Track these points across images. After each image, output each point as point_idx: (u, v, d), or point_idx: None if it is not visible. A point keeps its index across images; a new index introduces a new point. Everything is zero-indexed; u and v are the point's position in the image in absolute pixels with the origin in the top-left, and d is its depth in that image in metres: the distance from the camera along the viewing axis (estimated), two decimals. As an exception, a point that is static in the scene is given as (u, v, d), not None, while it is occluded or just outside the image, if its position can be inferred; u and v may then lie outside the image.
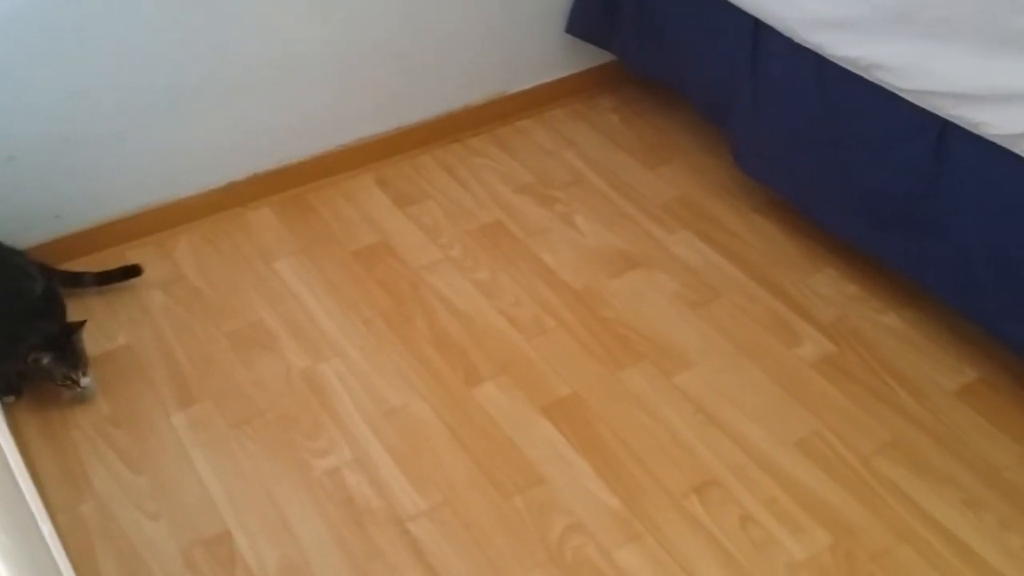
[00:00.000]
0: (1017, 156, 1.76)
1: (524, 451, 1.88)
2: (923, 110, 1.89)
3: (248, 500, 1.82)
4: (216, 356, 2.09)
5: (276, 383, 2.03)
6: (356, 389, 2.01)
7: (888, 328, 2.11)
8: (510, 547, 1.73)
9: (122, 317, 2.18)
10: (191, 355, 2.10)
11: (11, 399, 1.98)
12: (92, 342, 2.07)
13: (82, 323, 1.99)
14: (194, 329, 2.15)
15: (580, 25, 2.66)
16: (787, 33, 2.12)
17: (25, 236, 2.22)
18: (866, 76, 1.98)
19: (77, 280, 2.19)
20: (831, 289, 2.21)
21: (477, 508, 1.79)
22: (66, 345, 1.94)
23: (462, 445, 1.90)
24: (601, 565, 1.70)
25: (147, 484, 1.85)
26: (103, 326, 2.12)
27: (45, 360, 1.90)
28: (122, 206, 2.33)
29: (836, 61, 2.03)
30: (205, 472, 1.87)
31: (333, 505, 1.80)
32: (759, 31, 2.20)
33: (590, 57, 2.76)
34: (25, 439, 1.92)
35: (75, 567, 1.70)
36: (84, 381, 1.96)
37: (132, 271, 2.24)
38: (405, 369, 2.05)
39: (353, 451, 1.89)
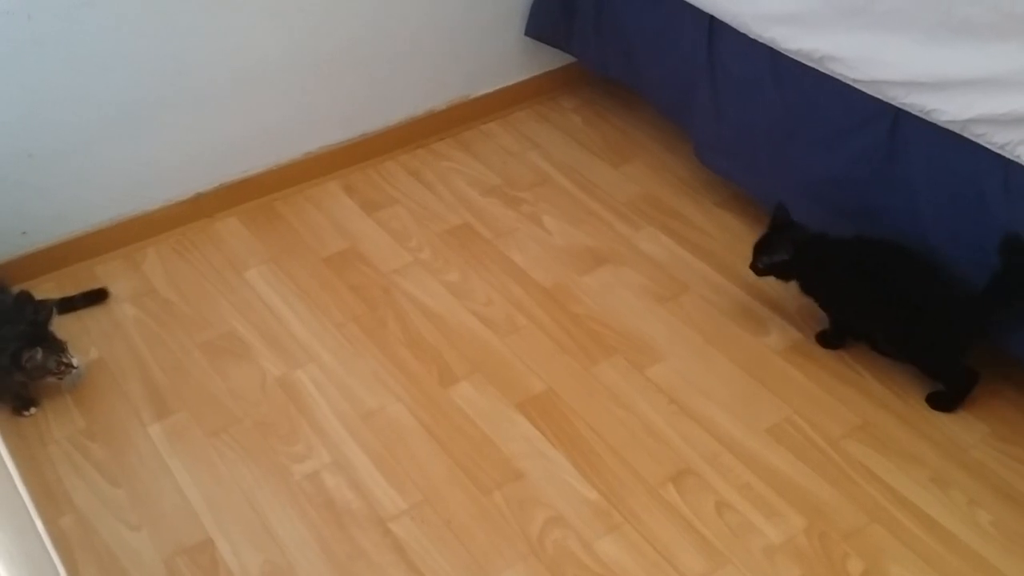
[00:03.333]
0: (968, 140, 1.81)
1: (501, 447, 1.91)
2: (876, 99, 1.94)
3: (229, 507, 1.82)
4: (190, 367, 2.09)
5: (252, 391, 2.04)
6: (332, 393, 2.02)
7: (852, 314, 2.16)
8: (491, 542, 1.75)
9: (94, 332, 2.18)
10: (165, 367, 2.10)
11: (33, 411, 2.00)
12: (64, 357, 2.06)
13: (50, 309, 2.02)
14: (166, 341, 2.16)
15: (539, 28, 2.69)
16: (742, 29, 2.16)
17: (-9, 254, 2.22)
18: (820, 68, 2.02)
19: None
20: (795, 278, 2.25)
21: (457, 505, 1.81)
22: (46, 335, 1.96)
23: (440, 444, 1.92)
24: (582, 556, 1.73)
25: (126, 495, 1.85)
26: (75, 341, 2.10)
27: (39, 356, 1.92)
28: (89, 221, 2.33)
29: (790, 55, 2.07)
30: (184, 481, 1.87)
31: (314, 508, 1.81)
32: (715, 28, 2.24)
33: (550, 59, 2.80)
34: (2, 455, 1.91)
35: (57, 581, 1.70)
36: (76, 361, 1.99)
37: (97, 296, 2.24)
38: (380, 372, 2.06)
39: (332, 454, 1.90)
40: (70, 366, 1.98)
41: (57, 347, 1.97)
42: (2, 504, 0.87)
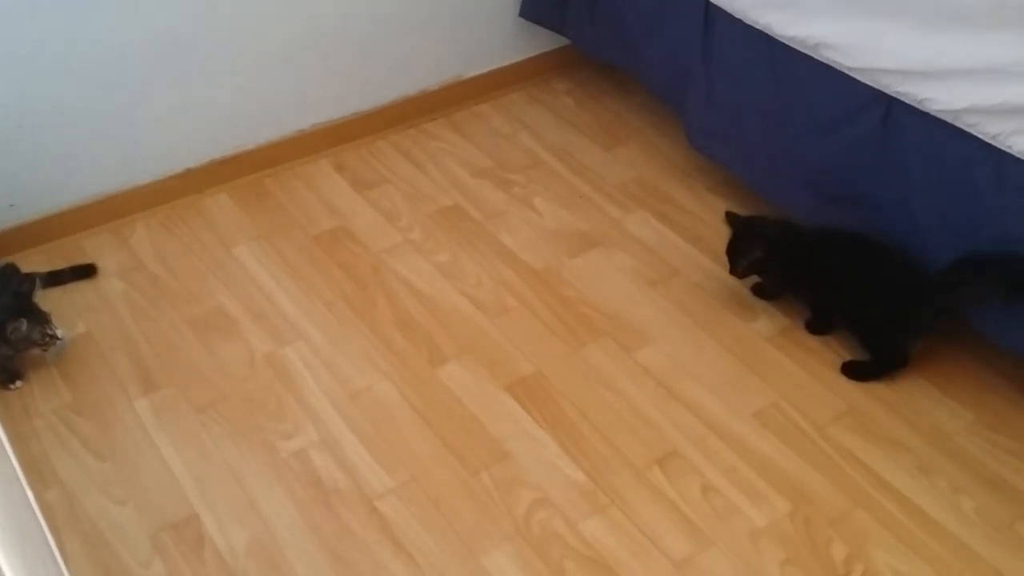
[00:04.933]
0: (960, 130, 1.81)
1: (489, 428, 1.91)
2: (870, 87, 1.94)
3: (215, 483, 1.82)
4: (177, 342, 2.09)
5: (239, 367, 2.03)
6: (320, 371, 2.02)
7: (840, 301, 2.17)
8: (478, 522, 1.76)
9: (81, 305, 2.17)
10: (152, 342, 2.09)
11: (19, 384, 1.99)
12: (51, 330, 2.05)
13: (34, 281, 2.03)
14: (154, 316, 2.15)
15: (534, 9, 2.68)
16: (737, 15, 2.16)
17: (-21, 226, 2.21)
18: (814, 55, 2.02)
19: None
20: (785, 265, 2.25)
21: (444, 485, 1.81)
22: (30, 307, 1.96)
23: (427, 424, 1.92)
24: (567, 537, 1.73)
25: (112, 470, 1.85)
26: (62, 315, 2.10)
27: (24, 327, 1.92)
28: (78, 194, 2.31)
29: (785, 41, 2.07)
30: (170, 456, 1.87)
31: (301, 486, 1.81)
32: (710, 13, 2.23)
33: (544, 41, 2.79)
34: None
35: (42, 554, 1.69)
36: (60, 332, 1.99)
37: (86, 270, 2.23)
38: (369, 351, 2.06)
39: (319, 432, 1.90)
40: (54, 337, 1.97)
41: (41, 318, 1.97)
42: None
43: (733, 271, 2.08)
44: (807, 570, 1.68)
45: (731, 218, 2.10)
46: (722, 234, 2.30)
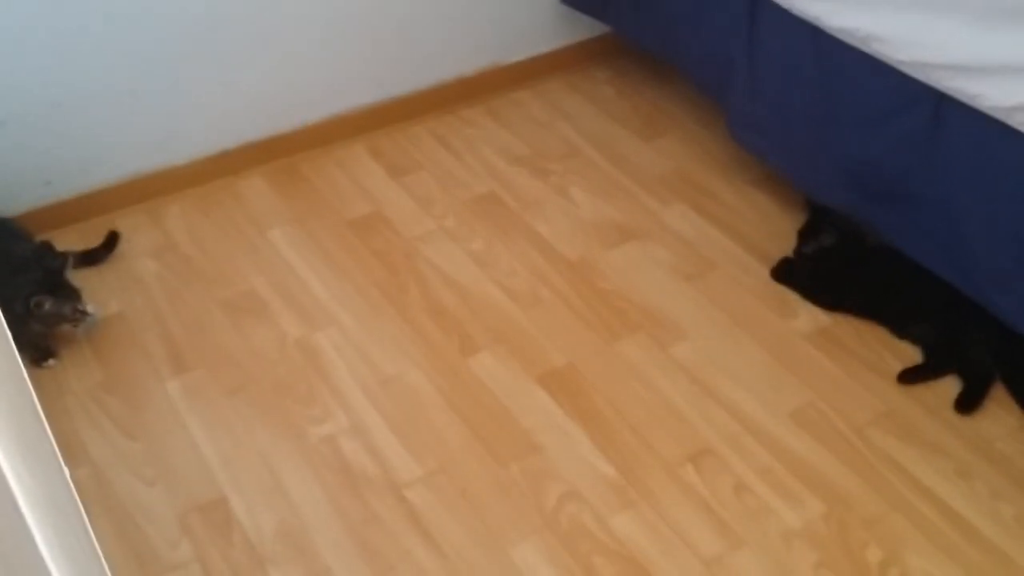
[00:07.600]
0: (1012, 128, 1.76)
1: (519, 420, 1.89)
2: (919, 82, 1.89)
3: (244, 466, 1.82)
4: (209, 324, 2.08)
5: (270, 351, 2.03)
6: (351, 358, 2.01)
7: (881, 300, 2.12)
8: (506, 514, 1.74)
9: (114, 285, 2.17)
10: (184, 323, 2.09)
11: (52, 362, 1.99)
12: (85, 309, 2.06)
13: (66, 257, 2.02)
14: (187, 297, 2.15)
15: (575, -4, 2.65)
16: (784, 4, 2.11)
17: (15, 203, 2.21)
18: (863, 48, 1.98)
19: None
20: (824, 262, 2.21)
21: (473, 475, 1.80)
22: (61, 283, 1.96)
23: (458, 414, 1.90)
24: (596, 532, 1.71)
25: (142, 450, 1.85)
26: (95, 294, 2.10)
27: (47, 304, 1.92)
28: (113, 173, 2.32)
29: (833, 32, 2.02)
30: (200, 438, 1.86)
31: (330, 472, 1.81)
32: (756, 2, 2.19)
33: (585, 28, 2.75)
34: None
35: (70, 532, 1.70)
36: (90, 308, 1.99)
37: (111, 241, 2.23)
38: (400, 338, 2.04)
39: (349, 419, 1.89)
40: (84, 313, 1.98)
41: (72, 294, 1.97)
42: (34, 451, 0.87)
43: (797, 251, 2.14)
44: (840, 573, 1.65)
45: (810, 201, 2.15)
46: (761, 229, 2.29)
